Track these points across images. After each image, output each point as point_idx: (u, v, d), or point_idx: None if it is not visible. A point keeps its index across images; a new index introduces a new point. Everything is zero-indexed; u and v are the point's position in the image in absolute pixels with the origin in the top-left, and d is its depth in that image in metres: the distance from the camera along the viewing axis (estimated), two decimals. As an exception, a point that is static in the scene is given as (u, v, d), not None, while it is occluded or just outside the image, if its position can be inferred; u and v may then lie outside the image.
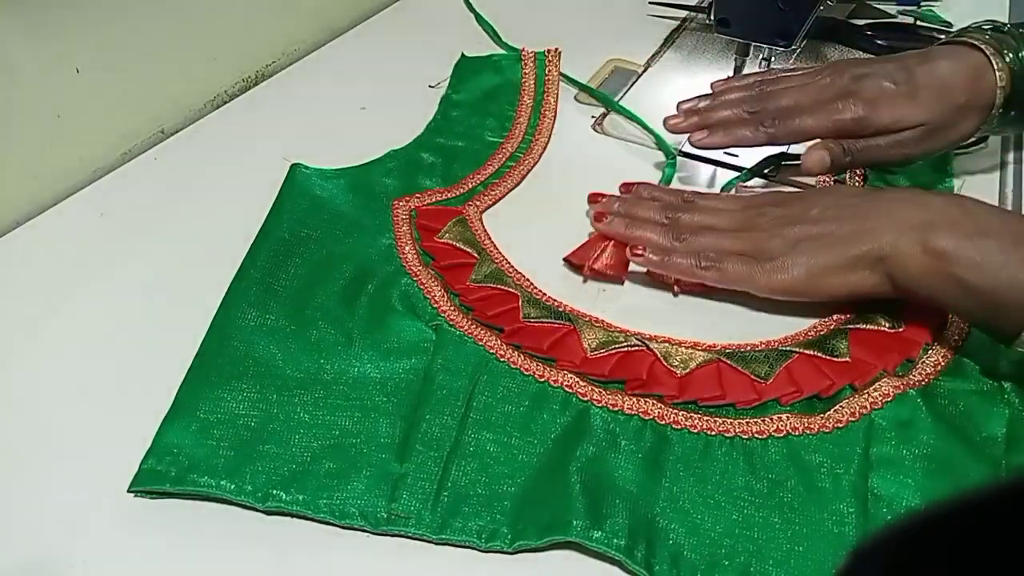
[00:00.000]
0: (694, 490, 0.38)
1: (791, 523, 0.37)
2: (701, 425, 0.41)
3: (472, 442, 0.40)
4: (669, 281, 0.49)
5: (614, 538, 0.36)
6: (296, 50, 0.74)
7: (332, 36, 0.76)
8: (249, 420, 0.40)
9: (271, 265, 0.48)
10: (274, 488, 0.37)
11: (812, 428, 0.41)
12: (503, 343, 0.44)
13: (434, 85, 0.67)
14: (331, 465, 0.39)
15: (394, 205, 0.53)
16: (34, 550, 0.36)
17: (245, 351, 0.43)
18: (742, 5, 0.57)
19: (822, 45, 0.77)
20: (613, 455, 0.39)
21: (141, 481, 0.37)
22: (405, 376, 0.42)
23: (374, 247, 0.50)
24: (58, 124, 0.56)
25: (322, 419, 0.40)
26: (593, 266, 0.49)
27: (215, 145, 0.61)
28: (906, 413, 0.41)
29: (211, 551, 0.36)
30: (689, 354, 0.44)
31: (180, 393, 0.41)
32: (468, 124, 0.62)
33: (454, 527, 0.37)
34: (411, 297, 0.47)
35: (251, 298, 0.46)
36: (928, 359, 0.44)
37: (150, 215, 0.54)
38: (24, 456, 0.40)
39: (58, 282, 0.49)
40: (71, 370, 0.44)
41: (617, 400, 0.42)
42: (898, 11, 0.83)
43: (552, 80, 0.67)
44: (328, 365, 0.43)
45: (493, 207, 0.55)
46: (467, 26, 0.76)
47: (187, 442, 0.39)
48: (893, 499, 0.38)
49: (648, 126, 0.63)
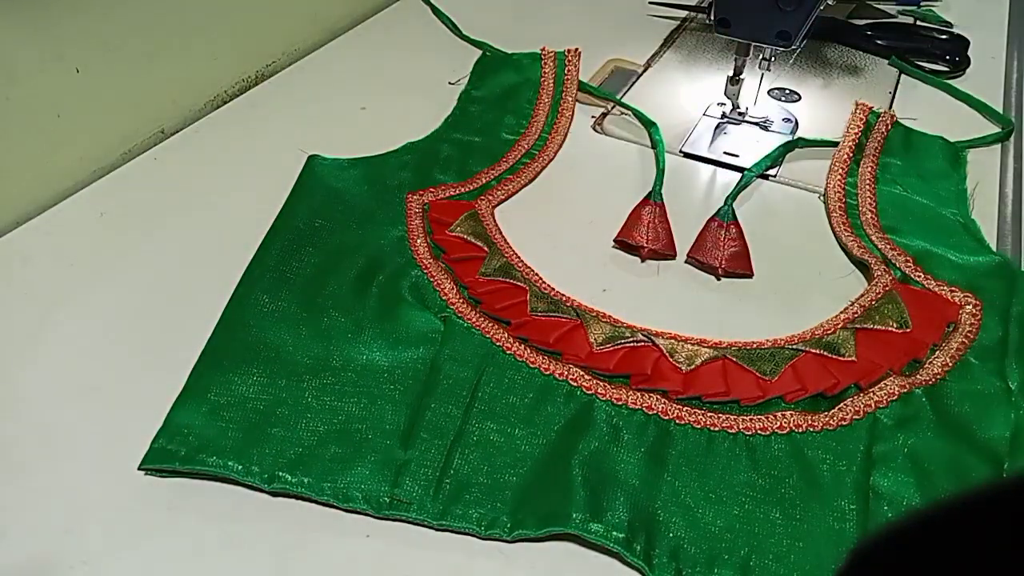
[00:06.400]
0: (696, 485, 0.38)
1: (792, 519, 0.37)
2: (704, 421, 0.41)
3: (476, 432, 0.40)
4: (712, 263, 0.51)
5: (613, 531, 0.36)
6: (296, 50, 0.74)
7: (332, 36, 0.76)
8: (258, 403, 0.41)
9: (285, 253, 0.49)
10: (280, 470, 0.38)
11: (816, 425, 0.41)
12: (510, 336, 0.45)
13: (454, 82, 0.68)
14: (337, 449, 0.39)
15: (407, 198, 0.54)
16: (34, 550, 0.36)
17: (256, 336, 0.44)
18: (742, 5, 0.57)
19: (822, 45, 0.77)
20: (616, 449, 0.40)
21: (152, 459, 0.38)
22: (412, 365, 0.43)
23: (386, 239, 0.51)
24: (58, 124, 0.56)
25: (329, 404, 0.41)
26: (652, 247, 0.52)
27: (215, 145, 0.61)
28: (910, 412, 0.41)
29: (212, 550, 0.36)
30: (695, 351, 0.44)
31: (192, 375, 0.42)
32: (486, 120, 0.63)
33: (455, 514, 0.37)
34: (421, 288, 0.48)
35: (264, 285, 0.47)
36: (935, 360, 0.44)
37: (150, 215, 0.54)
38: (24, 456, 0.39)
39: (58, 282, 0.49)
40: (71, 370, 0.44)
41: (621, 394, 0.42)
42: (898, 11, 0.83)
43: (571, 80, 0.68)
44: (337, 352, 0.43)
45: (505, 202, 0.56)
46: (467, 26, 0.76)
47: (197, 423, 0.40)
48: (894, 497, 0.38)
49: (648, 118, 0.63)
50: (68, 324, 0.46)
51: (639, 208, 0.54)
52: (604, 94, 0.68)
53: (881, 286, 0.48)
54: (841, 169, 0.59)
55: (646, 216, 0.54)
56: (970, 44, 0.75)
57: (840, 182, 0.58)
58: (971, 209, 0.56)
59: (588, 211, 0.56)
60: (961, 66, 0.73)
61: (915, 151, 0.61)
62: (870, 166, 0.59)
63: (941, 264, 0.50)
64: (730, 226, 0.53)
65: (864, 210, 0.55)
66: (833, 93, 0.70)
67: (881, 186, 0.57)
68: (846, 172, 0.59)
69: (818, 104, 0.69)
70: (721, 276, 0.51)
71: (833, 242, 0.54)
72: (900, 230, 0.53)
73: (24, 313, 0.47)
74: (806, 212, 0.57)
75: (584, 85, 0.68)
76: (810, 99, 0.69)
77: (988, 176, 0.60)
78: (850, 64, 0.75)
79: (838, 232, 0.54)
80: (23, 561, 0.35)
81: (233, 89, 0.69)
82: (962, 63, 0.74)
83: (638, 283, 0.51)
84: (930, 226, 0.54)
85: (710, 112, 0.66)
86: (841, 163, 0.60)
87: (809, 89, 0.70)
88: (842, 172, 0.59)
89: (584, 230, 0.54)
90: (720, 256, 0.51)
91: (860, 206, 0.56)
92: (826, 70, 0.74)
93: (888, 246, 0.52)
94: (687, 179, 0.60)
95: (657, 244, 0.52)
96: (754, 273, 0.51)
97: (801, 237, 0.55)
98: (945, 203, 0.56)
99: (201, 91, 0.67)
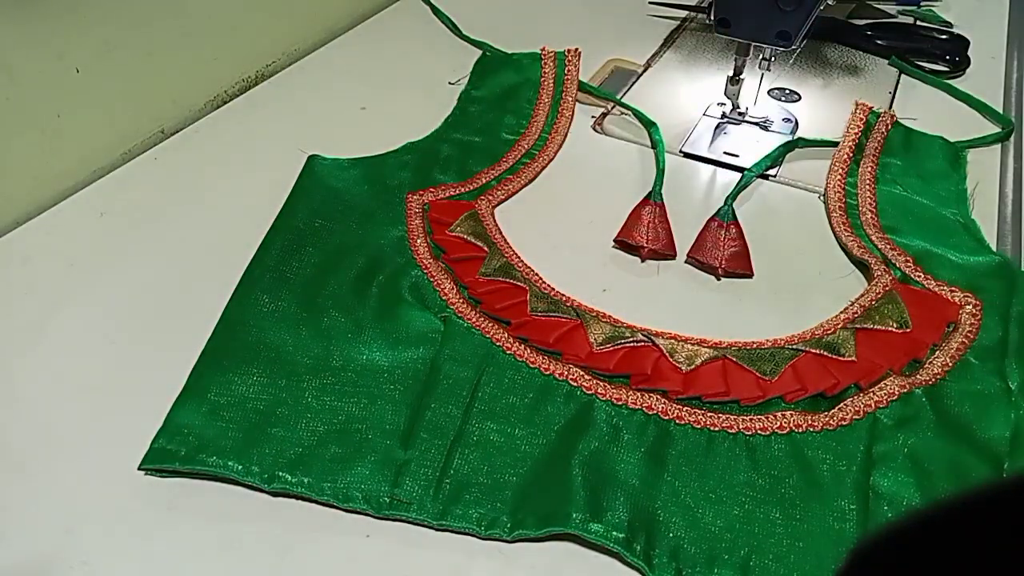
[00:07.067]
0: (695, 484, 0.38)
1: (792, 518, 0.37)
2: (704, 421, 0.41)
3: (476, 432, 0.40)
4: (712, 263, 0.51)
5: (613, 531, 0.36)
6: (296, 50, 0.74)
7: (332, 36, 0.76)
8: (258, 403, 0.41)
9: (285, 253, 0.49)
10: (280, 470, 0.38)
11: (816, 425, 0.41)
12: (510, 336, 0.45)
13: (454, 82, 0.68)
14: (336, 449, 0.39)
15: (407, 198, 0.54)
16: (34, 550, 0.36)
17: (256, 336, 0.44)
18: (742, 5, 0.57)
19: (822, 45, 0.77)
20: (616, 449, 0.40)
21: (152, 459, 0.38)
22: (412, 365, 0.43)
23: (386, 239, 0.51)
24: (58, 124, 0.56)
25: (329, 404, 0.41)
26: (652, 247, 0.52)
27: (215, 145, 0.61)
28: (911, 412, 0.41)
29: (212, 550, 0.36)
30: (695, 351, 0.44)
31: (192, 375, 0.42)
32: (486, 120, 0.63)
33: (455, 514, 0.37)
34: (421, 288, 0.48)
35: (264, 285, 0.47)
36: (935, 360, 0.44)
37: (150, 215, 0.54)
38: (24, 455, 0.39)
39: (58, 282, 0.49)
40: (71, 370, 0.44)
41: (621, 394, 0.42)
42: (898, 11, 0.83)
43: (571, 80, 0.68)
44: (337, 352, 0.43)
45: (505, 202, 0.56)
46: (467, 26, 0.76)
47: (197, 423, 0.40)
48: (894, 497, 0.38)
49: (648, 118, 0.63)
50: (68, 324, 0.46)
51: (639, 208, 0.54)
52: (604, 94, 0.68)
53: (881, 286, 0.48)
54: (841, 169, 0.59)
55: (646, 216, 0.54)
56: (970, 44, 0.75)
57: (840, 182, 0.58)
58: (971, 209, 0.56)
59: (588, 211, 0.56)
60: (961, 66, 0.73)
61: (915, 151, 0.61)
62: (870, 166, 0.59)
63: (941, 264, 0.50)
64: (730, 226, 0.53)
65: (864, 210, 0.55)
66: (833, 93, 0.70)
67: (881, 186, 0.57)
68: (846, 172, 0.59)
69: (818, 104, 0.69)
70: (721, 276, 0.51)
71: (833, 242, 0.54)
72: (900, 230, 0.53)
73: (24, 313, 0.47)
74: (806, 212, 0.57)
75: (584, 85, 0.68)
76: (810, 99, 0.69)
77: (988, 176, 0.60)
78: (850, 64, 0.75)
79: (838, 232, 0.54)
80: (23, 561, 0.35)
81: (233, 89, 0.69)
82: (962, 63, 0.74)
83: (638, 283, 0.51)
84: (930, 226, 0.54)
85: (710, 112, 0.66)
86: (841, 163, 0.60)
87: (809, 89, 0.70)
88: (842, 172, 0.59)
89: (584, 230, 0.54)
90: (720, 256, 0.51)
91: (860, 206, 0.56)
92: (826, 70, 0.74)
93: (888, 246, 0.52)
94: (687, 179, 0.60)
95: (657, 244, 0.52)
96: (754, 273, 0.51)
97: (801, 237, 0.55)
98: (945, 203, 0.56)
99: (201, 91, 0.67)
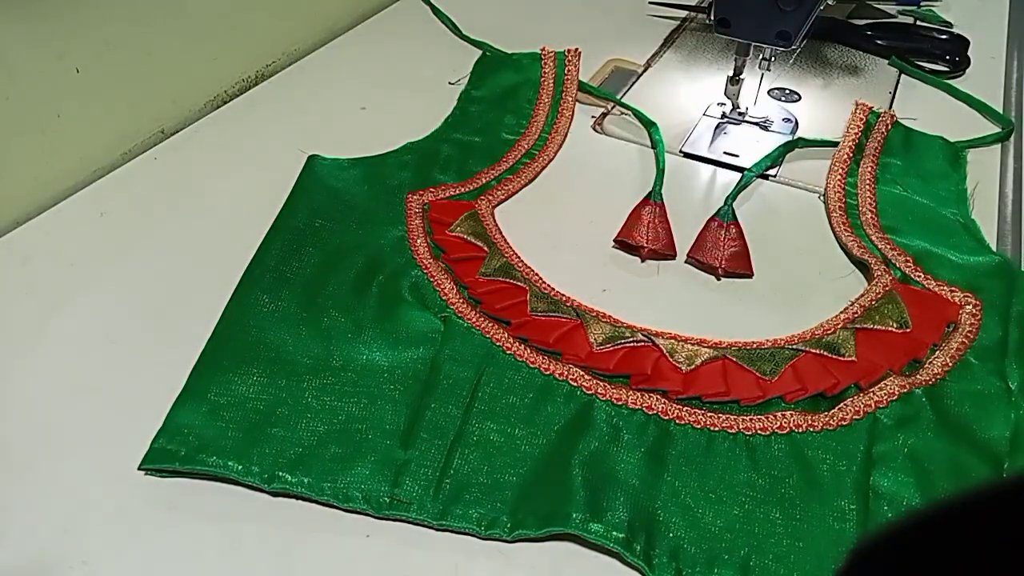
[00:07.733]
0: (695, 484, 0.38)
1: (792, 519, 0.37)
2: (704, 421, 0.41)
3: (476, 432, 0.40)
4: (712, 263, 0.51)
5: (613, 531, 0.36)
6: (296, 50, 0.74)
7: (332, 36, 0.76)
8: (258, 403, 0.41)
9: (285, 253, 0.49)
10: (280, 470, 0.38)
11: (816, 425, 0.41)
12: (510, 336, 0.45)
13: (454, 82, 0.68)
14: (336, 449, 0.39)
15: (407, 198, 0.54)
16: (34, 550, 0.36)
17: (256, 336, 0.44)
18: (742, 5, 0.57)
19: (822, 45, 0.77)
20: (616, 449, 0.40)
21: (152, 459, 0.38)
22: (412, 365, 0.43)
23: (386, 239, 0.51)
24: (58, 124, 0.56)
25: (329, 404, 0.41)
26: (652, 247, 0.52)
27: (215, 145, 0.61)
28: (911, 412, 0.41)
29: (212, 550, 0.36)
30: (695, 351, 0.44)
31: (192, 375, 0.42)
32: (486, 120, 0.63)
33: (455, 514, 0.37)
34: (421, 288, 0.48)
35: (264, 285, 0.47)
36: (935, 360, 0.44)
37: (150, 215, 0.54)
38: (24, 456, 0.39)
39: (58, 282, 0.49)
40: (71, 370, 0.44)
41: (621, 394, 0.42)
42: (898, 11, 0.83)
43: (571, 80, 0.68)
44: (337, 352, 0.43)
45: (505, 202, 0.56)
46: (467, 26, 0.76)
47: (197, 423, 0.40)
48: (894, 497, 0.38)
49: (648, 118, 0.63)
50: (68, 324, 0.46)
51: (639, 208, 0.54)
52: (604, 94, 0.68)
53: (881, 286, 0.48)
54: (841, 169, 0.59)
55: (646, 216, 0.54)
56: (970, 44, 0.75)
57: (840, 182, 0.58)
58: (971, 209, 0.56)
59: (588, 211, 0.56)
60: (961, 66, 0.73)
61: (915, 151, 0.61)
62: (870, 166, 0.59)
63: (941, 264, 0.50)
64: (730, 226, 0.53)
65: (864, 210, 0.55)
66: (833, 93, 0.70)
67: (881, 186, 0.57)
68: (846, 172, 0.59)
69: (818, 104, 0.69)
70: (721, 276, 0.51)
71: (833, 242, 0.54)
72: (900, 230, 0.53)
73: (24, 313, 0.47)
74: (806, 212, 0.57)
75: (584, 85, 0.68)
76: (810, 99, 0.69)
77: (988, 176, 0.60)
78: (850, 64, 0.75)
79: (838, 232, 0.54)
80: (23, 561, 0.35)
81: (233, 89, 0.69)
82: (962, 63, 0.74)
83: (638, 283, 0.51)
84: (930, 226, 0.54)
85: (710, 112, 0.66)
86: (841, 163, 0.60)
87: (809, 89, 0.70)
88: (842, 172, 0.59)
89: (584, 230, 0.54)
90: (720, 256, 0.51)
91: (860, 206, 0.56)
92: (826, 70, 0.74)
93: (888, 246, 0.52)
94: (687, 179, 0.60)
95: (657, 244, 0.52)
96: (754, 273, 0.51)
97: (801, 237, 0.55)
98: (945, 203, 0.56)
99: (201, 91, 0.67)
